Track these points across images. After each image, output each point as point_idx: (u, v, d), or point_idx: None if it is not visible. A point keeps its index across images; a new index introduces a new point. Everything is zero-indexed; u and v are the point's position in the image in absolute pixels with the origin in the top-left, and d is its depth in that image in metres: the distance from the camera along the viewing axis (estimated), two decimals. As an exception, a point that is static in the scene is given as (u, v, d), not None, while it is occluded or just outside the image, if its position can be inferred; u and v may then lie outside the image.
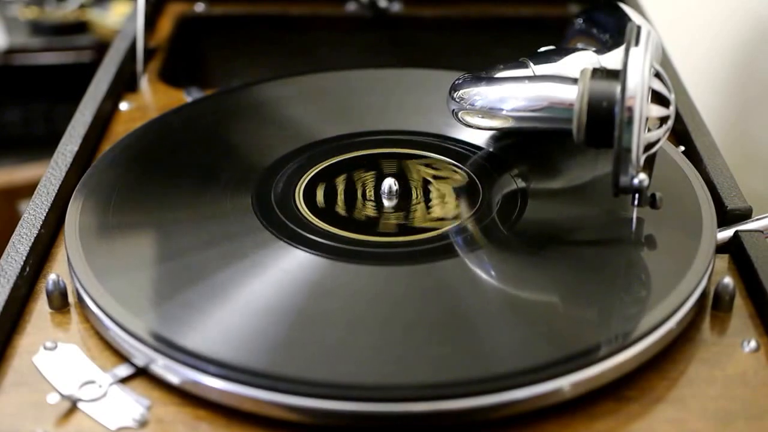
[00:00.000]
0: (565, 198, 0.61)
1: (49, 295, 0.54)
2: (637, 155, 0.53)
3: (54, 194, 0.61)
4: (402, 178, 0.63)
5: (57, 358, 0.51)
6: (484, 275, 0.54)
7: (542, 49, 0.65)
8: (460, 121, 0.64)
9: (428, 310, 0.52)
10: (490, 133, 0.66)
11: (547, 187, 0.62)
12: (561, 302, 0.52)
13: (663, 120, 0.56)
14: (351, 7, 0.95)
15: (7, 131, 1.39)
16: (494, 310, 0.52)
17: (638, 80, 0.53)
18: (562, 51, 0.65)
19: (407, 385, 0.46)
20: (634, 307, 0.51)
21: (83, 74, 0.91)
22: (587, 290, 0.53)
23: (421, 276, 0.54)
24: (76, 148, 0.67)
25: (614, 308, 0.52)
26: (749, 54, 1.10)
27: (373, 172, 0.64)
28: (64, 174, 0.64)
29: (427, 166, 0.64)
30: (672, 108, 0.56)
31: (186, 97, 0.77)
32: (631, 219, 0.57)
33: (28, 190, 1.25)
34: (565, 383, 0.47)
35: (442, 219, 0.59)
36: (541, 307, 0.52)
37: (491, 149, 0.65)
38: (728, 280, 0.54)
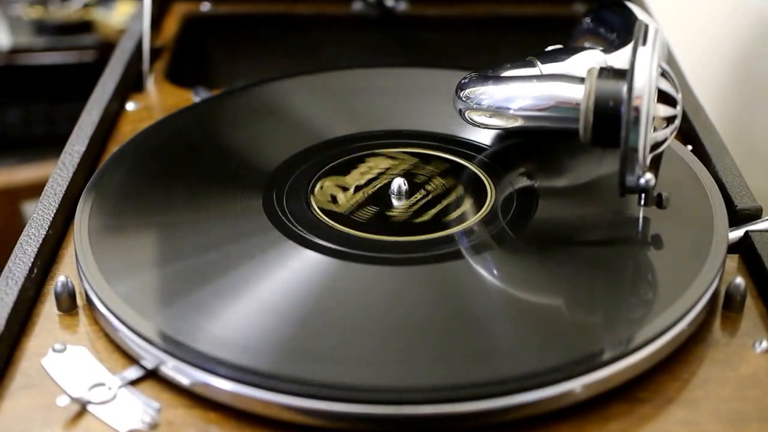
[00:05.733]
0: (575, 198, 0.61)
1: (57, 296, 0.54)
2: (644, 155, 0.53)
3: (62, 195, 0.61)
4: (410, 177, 0.62)
5: (66, 360, 0.51)
6: (493, 277, 0.54)
7: (550, 48, 0.65)
8: (467, 120, 0.63)
9: (439, 311, 0.51)
10: (497, 132, 0.66)
11: (556, 187, 0.61)
12: (572, 304, 0.52)
13: (670, 119, 0.56)
14: (357, 6, 0.95)
15: (8, 131, 1.38)
16: (505, 311, 0.51)
17: (645, 80, 0.52)
18: (570, 50, 0.64)
19: (420, 387, 0.46)
20: (646, 308, 0.51)
21: (85, 74, 0.90)
22: (598, 291, 0.53)
23: (431, 277, 0.54)
24: (83, 149, 0.66)
25: (625, 310, 0.51)
26: (751, 51, 1.10)
27: (381, 172, 0.63)
28: (71, 174, 0.63)
29: (435, 165, 0.64)
30: (679, 107, 0.56)
31: (194, 97, 0.77)
32: (640, 219, 0.57)
33: (29, 190, 1.24)
34: (578, 385, 0.47)
35: (451, 219, 0.59)
36: (552, 309, 0.51)
37: (498, 149, 0.65)
38: (740, 281, 0.53)
